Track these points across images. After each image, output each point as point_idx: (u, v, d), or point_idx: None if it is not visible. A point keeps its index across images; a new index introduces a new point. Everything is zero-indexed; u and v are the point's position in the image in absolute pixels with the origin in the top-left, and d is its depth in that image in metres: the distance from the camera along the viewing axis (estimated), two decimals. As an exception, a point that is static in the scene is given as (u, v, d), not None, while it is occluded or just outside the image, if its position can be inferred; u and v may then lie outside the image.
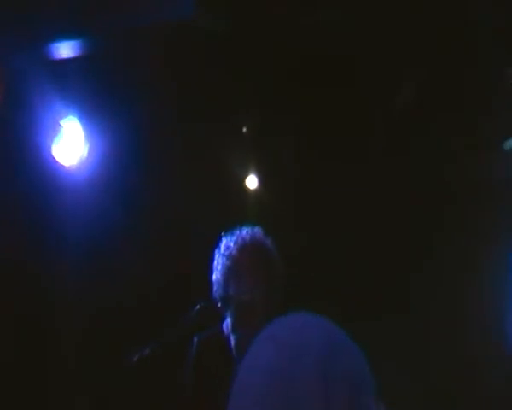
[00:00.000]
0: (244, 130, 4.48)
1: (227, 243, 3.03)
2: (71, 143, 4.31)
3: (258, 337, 1.60)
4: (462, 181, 4.69)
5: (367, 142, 4.61)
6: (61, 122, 4.25)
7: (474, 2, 4.02)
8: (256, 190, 4.83)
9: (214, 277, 3.01)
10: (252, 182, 4.90)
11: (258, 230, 3.05)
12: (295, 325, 1.54)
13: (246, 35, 4.09)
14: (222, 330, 2.92)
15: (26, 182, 4.33)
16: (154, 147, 4.52)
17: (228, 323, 2.90)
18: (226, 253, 3.01)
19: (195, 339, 2.86)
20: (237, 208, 4.27)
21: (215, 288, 3.00)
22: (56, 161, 4.30)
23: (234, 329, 2.87)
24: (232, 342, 2.87)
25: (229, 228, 3.04)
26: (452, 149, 4.59)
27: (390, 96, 4.49)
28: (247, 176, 4.83)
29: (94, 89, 4.25)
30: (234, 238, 3.03)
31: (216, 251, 3.05)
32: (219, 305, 2.93)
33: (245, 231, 3.05)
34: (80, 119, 4.26)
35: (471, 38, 4.13)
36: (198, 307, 2.96)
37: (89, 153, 4.31)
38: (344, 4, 4.00)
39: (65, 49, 4.08)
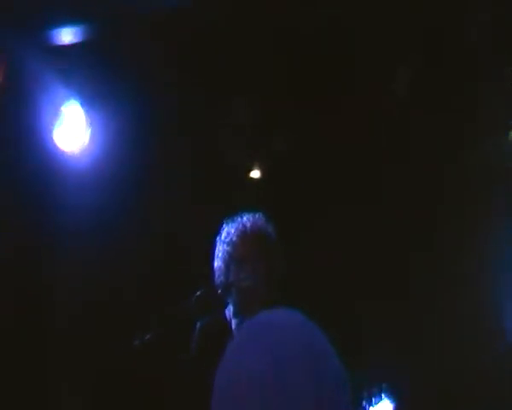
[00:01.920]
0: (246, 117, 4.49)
1: (228, 230, 3.06)
2: (73, 129, 4.33)
3: (240, 338, 1.63)
4: (463, 166, 4.70)
5: (367, 129, 4.62)
6: (63, 108, 4.27)
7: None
8: (260, 180, 4.84)
9: (216, 264, 3.05)
10: (255, 172, 4.90)
11: (259, 216, 3.08)
12: (280, 326, 1.56)
13: (244, 22, 4.11)
14: (224, 316, 2.97)
15: (27, 167, 4.36)
16: (156, 133, 4.54)
17: (230, 309, 2.95)
18: (227, 240, 3.05)
19: (198, 325, 2.90)
20: (240, 197, 4.29)
21: (216, 274, 3.05)
22: (58, 147, 4.33)
23: (235, 314, 2.92)
24: (233, 327, 2.91)
25: (230, 215, 3.07)
26: (452, 137, 4.61)
27: (387, 82, 4.50)
28: (251, 166, 4.83)
29: (96, 75, 4.27)
30: (235, 225, 3.06)
31: (217, 238, 3.08)
32: (220, 291, 2.97)
33: (246, 218, 3.07)
34: (82, 104, 4.28)
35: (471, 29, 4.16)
36: (199, 293, 3.00)
37: (90, 138, 4.34)
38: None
39: (66, 35, 4.10)
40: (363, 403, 2.65)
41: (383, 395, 2.72)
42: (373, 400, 2.71)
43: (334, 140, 4.70)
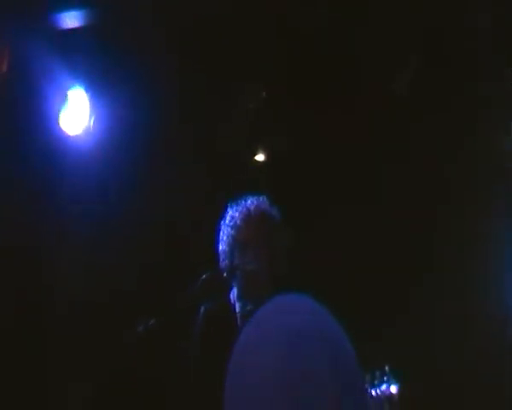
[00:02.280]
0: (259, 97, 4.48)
1: (232, 214, 3.08)
2: (77, 113, 4.35)
3: (251, 326, 1.62)
4: (463, 166, 4.70)
5: (367, 127, 4.62)
6: (67, 92, 4.28)
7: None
8: (264, 164, 4.84)
9: (220, 247, 3.07)
10: (259, 156, 4.90)
11: (263, 199, 3.09)
12: (292, 314, 1.56)
13: (247, 11, 4.11)
14: (228, 300, 2.98)
15: (31, 151, 4.37)
16: (159, 118, 4.55)
17: (234, 292, 2.96)
18: (231, 223, 3.06)
19: (202, 308, 2.91)
20: (244, 182, 4.30)
21: (221, 258, 3.06)
22: (62, 131, 4.35)
23: (239, 297, 2.94)
24: (237, 311, 2.93)
25: (234, 199, 3.08)
26: (452, 137, 4.61)
27: (388, 82, 4.50)
28: (255, 150, 4.83)
29: (100, 59, 4.28)
30: (239, 209, 3.07)
31: (222, 222, 3.09)
32: (225, 275, 2.98)
33: (250, 201, 3.09)
34: (86, 88, 4.29)
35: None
36: (204, 277, 3.01)
37: (95, 123, 4.35)
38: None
39: (70, 20, 4.10)
40: (366, 386, 2.67)
41: (386, 378, 2.74)
42: (376, 382, 2.73)
43: (335, 137, 4.70)
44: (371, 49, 4.39)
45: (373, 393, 2.70)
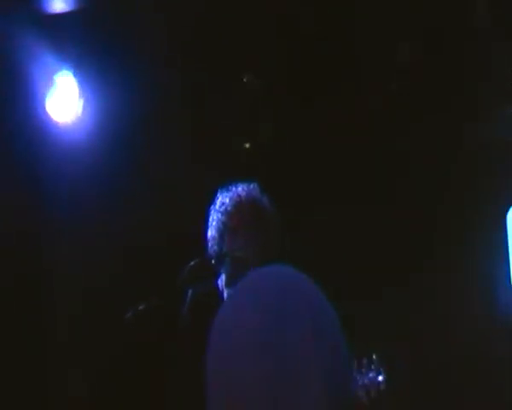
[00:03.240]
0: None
1: (222, 200, 3.06)
2: (65, 99, 4.30)
3: (235, 294, 1.61)
4: (463, 163, 4.68)
5: (367, 107, 4.58)
6: (56, 77, 4.23)
7: None
8: (255, 152, 4.81)
9: (209, 233, 3.04)
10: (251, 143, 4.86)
11: (254, 186, 3.06)
12: (275, 279, 1.55)
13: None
14: (216, 286, 2.95)
15: (19, 138, 4.33)
16: (151, 104, 4.50)
17: (222, 279, 2.93)
18: (221, 209, 3.04)
19: (190, 291, 2.88)
20: (235, 168, 4.26)
21: (210, 244, 3.04)
22: (51, 117, 4.29)
23: (228, 284, 2.91)
24: (225, 297, 2.90)
25: (225, 184, 3.05)
26: (452, 112, 4.58)
27: (387, 58, 4.47)
28: (249, 136, 4.80)
29: (89, 43, 4.23)
30: (229, 194, 3.05)
31: (211, 207, 3.06)
32: (214, 261, 2.95)
33: (240, 188, 3.06)
34: (75, 74, 4.24)
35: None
36: (193, 263, 2.98)
37: (83, 109, 4.30)
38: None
39: (58, 3, 4.05)
40: (353, 374, 2.64)
41: (373, 366, 2.72)
42: (363, 370, 2.71)
43: (330, 130, 4.67)
44: (368, 44, 4.37)
45: (359, 380, 2.67)
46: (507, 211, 4.67)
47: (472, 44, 4.32)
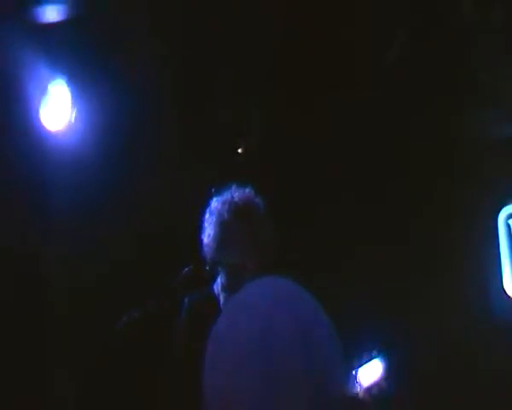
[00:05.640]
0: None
1: (217, 206, 3.05)
2: (58, 108, 4.30)
3: (230, 304, 1.64)
4: (460, 139, 4.68)
5: (364, 95, 4.58)
6: (49, 86, 4.23)
7: None
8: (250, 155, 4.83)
9: (204, 239, 3.03)
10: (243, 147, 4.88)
11: (248, 191, 3.06)
12: (269, 292, 1.58)
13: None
14: (212, 292, 2.96)
15: (12, 146, 4.32)
16: (144, 111, 4.51)
17: (218, 284, 2.94)
18: (216, 216, 3.03)
19: (186, 300, 2.89)
20: (229, 172, 4.27)
21: (205, 251, 3.03)
22: (44, 126, 4.29)
23: (224, 289, 2.92)
24: (222, 302, 2.90)
25: (220, 188, 3.05)
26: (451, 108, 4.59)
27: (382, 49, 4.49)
28: (243, 137, 4.81)
29: (82, 52, 4.24)
30: (224, 200, 3.05)
31: (206, 213, 3.06)
32: (208, 267, 2.96)
33: (235, 193, 3.06)
34: (68, 83, 4.24)
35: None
36: (187, 269, 2.99)
37: (76, 117, 4.31)
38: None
39: (50, 13, 4.06)
40: (353, 364, 2.67)
41: (373, 356, 2.74)
42: (363, 360, 2.73)
43: (325, 132, 4.69)
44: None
45: (360, 376, 2.70)
46: (498, 213, 4.69)
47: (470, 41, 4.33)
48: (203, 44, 4.32)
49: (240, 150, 4.68)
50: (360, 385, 2.66)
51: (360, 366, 2.72)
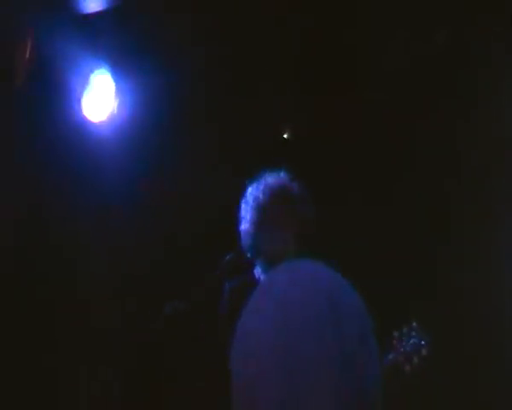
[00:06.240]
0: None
1: (254, 193, 3.03)
2: (101, 98, 4.33)
3: (256, 291, 1.63)
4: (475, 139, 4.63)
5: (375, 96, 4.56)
6: (92, 77, 4.26)
7: None
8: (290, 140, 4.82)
9: (242, 226, 3.02)
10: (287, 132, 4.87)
11: (284, 175, 3.04)
12: (306, 267, 1.58)
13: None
14: (253, 278, 2.94)
15: (56, 137, 4.36)
16: (184, 101, 4.52)
17: (258, 269, 2.92)
18: (254, 203, 3.02)
19: (227, 286, 2.88)
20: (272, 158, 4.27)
21: (245, 238, 3.01)
22: (87, 117, 4.32)
23: (265, 273, 2.88)
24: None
25: (255, 176, 3.03)
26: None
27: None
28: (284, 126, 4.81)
29: (126, 43, 4.26)
30: (261, 187, 3.02)
31: (243, 201, 3.04)
32: (249, 255, 2.94)
33: (271, 179, 3.04)
34: (111, 73, 4.26)
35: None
36: (228, 257, 2.98)
37: (119, 107, 4.33)
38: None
39: (94, 3, 4.08)
40: (395, 343, 2.62)
41: (414, 334, 2.71)
42: (404, 339, 2.69)
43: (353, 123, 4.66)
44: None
45: (401, 348, 2.65)
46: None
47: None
48: (239, 37, 4.32)
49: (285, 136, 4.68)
50: (398, 352, 2.61)
51: (401, 337, 2.68)
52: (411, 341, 2.66)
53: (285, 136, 4.80)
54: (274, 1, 4.17)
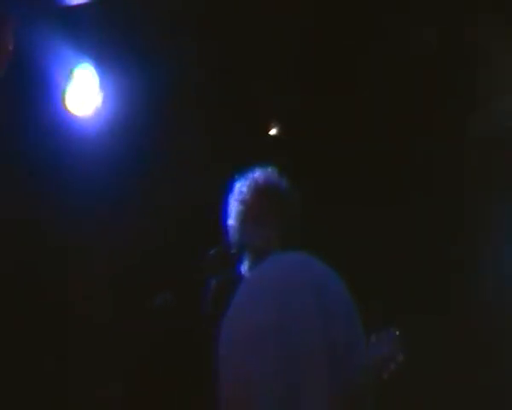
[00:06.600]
0: None
1: (241, 188, 3.01)
2: (84, 92, 4.27)
3: (243, 289, 1.62)
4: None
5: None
6: (75, 70, 4.20)
7: None
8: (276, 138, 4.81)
9: (229, 222, 3.00)
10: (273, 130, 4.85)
11: (271, 171, 3.02)
12: (293, 259, 1.57)
13: None
14: (238, 273, 2.92)
15: (38, 132, 4.32)
16: (169, 94, 4.48)
17: (244, 265, 2.90)
18: (240, 198, 3.01)
19: (212, 282, 2.85)
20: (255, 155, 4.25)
21: (230, 233, 2.99)
22: (69, 111, 4.27)
23: (249, 271, 2.87)
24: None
25: (242, 172, 3.01)
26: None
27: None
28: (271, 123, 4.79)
29: (109, 36, 4.22)
30: (247, 183, 3.01)
31: (230, 196, 3.03)
32: (234, 250, 2.92)
33: (258, 175, 3.02)
34: (94, 66, 4.21)
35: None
36: (213, 251, 2.95)
37: (103, 101, 4.27)
38: None
39: (76, -5, 4.03)
40: (367, 348, 2.60)
41: (391, 339, 2.68)
42: (381, 344, 2.66)
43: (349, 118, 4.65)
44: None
45: (377, 353, 2.63)
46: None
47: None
48: (232, 27, 4.29)
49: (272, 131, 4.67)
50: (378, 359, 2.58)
51: (379, 342, 2.65)
52: (388, 347, 2.63)
53: (272, 132, 4.78)
54: (274, 1, 4.17)
